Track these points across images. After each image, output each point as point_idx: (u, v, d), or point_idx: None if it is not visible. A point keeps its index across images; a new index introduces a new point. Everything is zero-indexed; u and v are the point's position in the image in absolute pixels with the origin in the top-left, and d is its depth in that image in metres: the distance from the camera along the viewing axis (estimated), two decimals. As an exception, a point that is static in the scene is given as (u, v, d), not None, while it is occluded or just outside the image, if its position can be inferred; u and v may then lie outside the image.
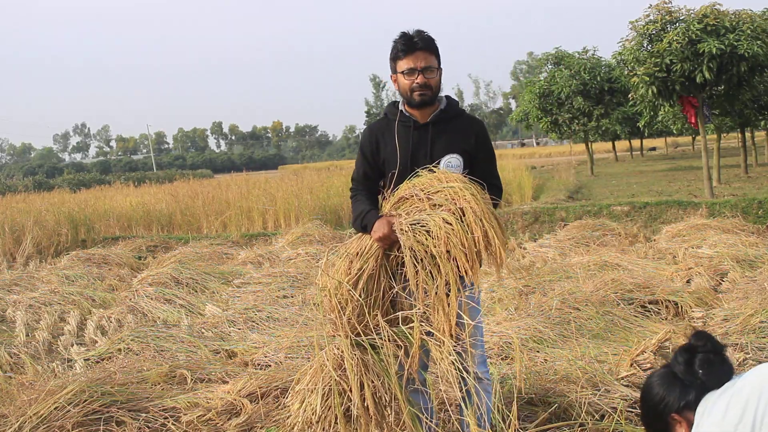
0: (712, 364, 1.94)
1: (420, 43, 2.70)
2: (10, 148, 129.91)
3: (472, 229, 2.47)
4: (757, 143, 24.61)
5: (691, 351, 1.99)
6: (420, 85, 2.70)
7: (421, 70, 2.70)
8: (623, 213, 9.94)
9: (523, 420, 3.28)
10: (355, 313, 2.57)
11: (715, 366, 1.94)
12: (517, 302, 5.51)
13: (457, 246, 2.45)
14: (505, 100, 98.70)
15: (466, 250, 2.45)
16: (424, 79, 2.70)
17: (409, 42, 2.71)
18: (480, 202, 2.51)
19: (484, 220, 2.48)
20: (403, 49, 2.71)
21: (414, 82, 2.70)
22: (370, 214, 2.72)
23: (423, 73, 2.70)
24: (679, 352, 2.03)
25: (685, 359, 1.99)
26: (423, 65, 2.70)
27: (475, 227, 2.46)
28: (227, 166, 77.33)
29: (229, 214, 12.81)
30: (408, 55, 2.70)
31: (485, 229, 2.47)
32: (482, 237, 2.46)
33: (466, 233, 2.47)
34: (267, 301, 6.13)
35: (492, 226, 2.48)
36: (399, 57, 2.73)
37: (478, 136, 2.80)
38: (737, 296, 5.27)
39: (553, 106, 20.73)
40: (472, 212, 2.48)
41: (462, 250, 2.44)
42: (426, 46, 2.72)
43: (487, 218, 2.49)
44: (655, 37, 10.86)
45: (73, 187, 27.51)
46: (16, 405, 3.44)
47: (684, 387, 1.96)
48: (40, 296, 6.95)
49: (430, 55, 2.73)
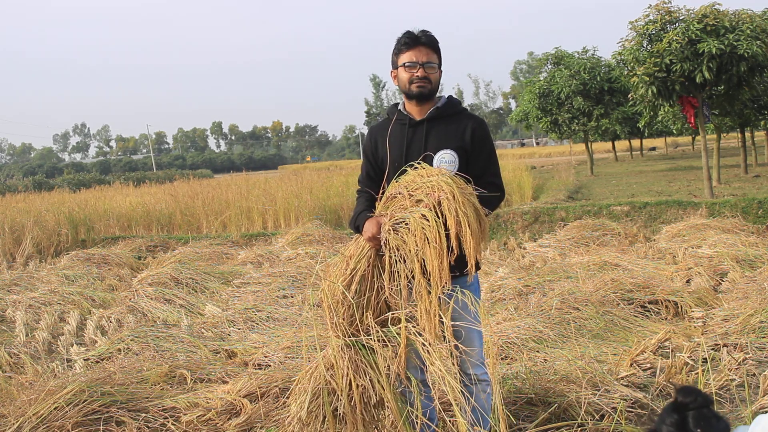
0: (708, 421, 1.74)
1: (423, 39, 2.76)
2: (10, 148, 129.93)
3: (446, 219, 2.45)
4: (757, 143, 24.61)
5: (681, 409, 1.76)
6: (420, 78, 2.74)
7: (422, 64, 2.74)
8: (623, 213, 9.94)
9: (523, 420, 3.28)
10: (348, 314, 2.58)
11: (712, 422, 1.74)
12: (517, 302, 5.51)
13: (431, 241, 2.43)
14: (505, 100, 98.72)
15: (438, 246, 2.42)
16: (425, 72, 2.74)
17: (413, 37, 2.77)
18: (456, 191, 2.49)
19: (459, 209, 2.44)
20: (407, 42, 2.76)
21: (414, 74, 2.75)
22: (362, 215, 2.75)
23: (424, 67, 2.74)
24: (667, 413, 1.78)
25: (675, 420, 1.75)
26: (425, 59, 2.75)
27: (449, 215, 2.44)
28: (227, 166, 77.37)
29: (228, 214, 12.82)
30: (411, 48, 2.76)
31: (458, 218, 2.44)
32: (455, 225, 2.43)
33: (441, 228, 2.45)
34: (267, 301, 6.13)
35: (466, 215, 2.44)
36: (402, 50, 2.78)
37: (475, 132, 2.79)
38: (737, 296, 5.27)
39: (553, 106, 20.73)
40: (446, 201, 2.46)
41: (434, 246, 2.42)
42: (429, 43, 2.77)
43: (462, 207, 2.45)
44: (655, 37, 10.86)
45: (73, 187, 27.53)
46: (15, 405, 3.44)
47: None
48: (40, 296, 6.95)
49: (432, 52, 2.78)
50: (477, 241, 2.48)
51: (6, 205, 13.86)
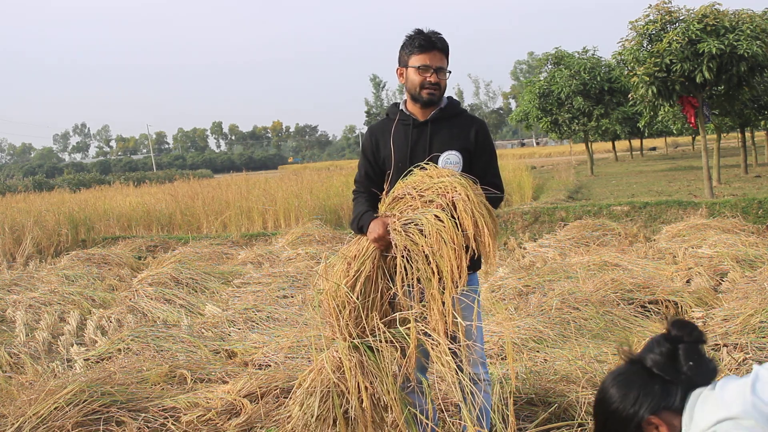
0: (701, 356, 1.62)
1: (439, 44, 2.74)
2: (10, 148, 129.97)
3: (462, 220, 2.45)
4: (757, 143, 24.61)
5: (673, 341, 1.65)
6: (432, 84, 2.73)
7: (436, 70, 2.73)
8: (623, 213, 9.94)
9: (523, 420, 3.28)
10: (353, 315, 2.57)
11: (704, 359, 1.63)
12: (517, 302, 5.51)
13: (448, 243, 2.44)
14: (505, 100, 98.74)
15: (456, 246, 2.43)
16: (437, 78, 2.73)
17: (429, 40, 2.73)
18: (470, 192, 2.49)
19: (474, 209, 2.46)
20: (423, 44, 2.73)
21: (426, 79, 2.73)
22: (366, 215, 2.72)
23: (437, 73, 2.73)
24: (656, 344, 1.67)
25: (665, 351, 1.64)
26: (438, 65, 2.73)
27: (465, 216, 2.44)
28: (227, 166, 77.38)
29: (228, 214, 12.81)
30: (426, 52, 2.73)
31: (475, 219, 2.45)
32: (472, 226, 2.44)
33: (457, 228, 2.45)
34: (267, 301, 6.13)
35: (482, 215, 2.46)
36: (415, 52, 2.75)
37: (478, 134, 2.79)
38: (737, 296, 5.27)
39: (553, 106, 20.73)
40: (462, 202, 2.47)
41: (452, 247, 2.43)
42: (443, 48, 2.76)
43: (478, 208, 2.47)
44: (655, 37, 10.86)
45: (73, 187, 27.52)
46: (15, 405, 3.44)
47: (665, 384, 1.62)
48: (40, 296, 6.95)
49: (444, 57, 2.77)
50: (495, 242, 2.50)
51: (6, 205, 13.87)
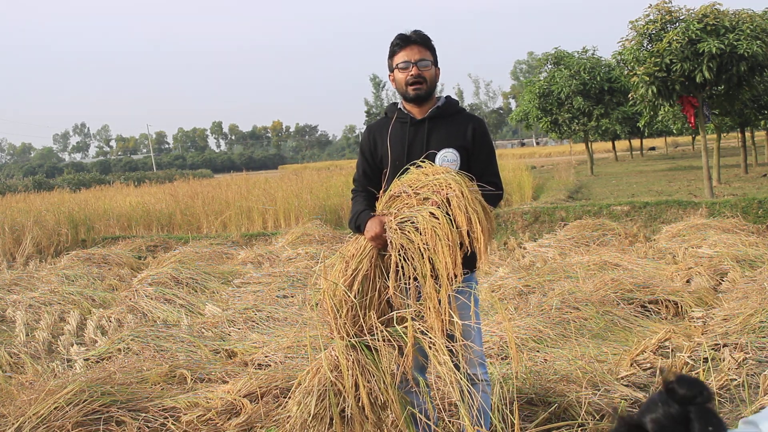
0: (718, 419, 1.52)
1: (414, 37, 2.77)
2: (10, 148, 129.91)
3: (455, 217, 2.46)
4: (757, 143, 24.60)
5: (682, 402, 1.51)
6: (414, 77, 2.74)
7: (416, 63, 2.74)
8: (623, 213, 9.94)
9: (523, 420, 3.28)
10: (351, 314, 2.57)
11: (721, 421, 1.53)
12: (517, 302, 5.51)
13: (442, 239, 2.44)
14: (505, 100, 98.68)
15: (450, 243, 2.43)
16: (418, 70, 2.74)
17: (405, 37, 2.78)
18: (465, 189, 2.50)
19: (468, 206, 2.46)
20: (399, 43, 2.78)
21: (408, 74, 2.75)
22: (363, 214, 2.73)
23: (417, 65, 2.74)
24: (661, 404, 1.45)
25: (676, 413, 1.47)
26: (417, 57, 2.75)
27: (459, 212, 2.44)
28: (227, 166, 77.33)
29: (228, 214, 12.81)
30: (403, 48, 2.77)
31: (469, 215, 2.45)
32: (465, 222, 2.44)
33: (452, 225, 2.45)
34: (267, 301, 6.13)
35: (476, 212, 2.46)
36: (395, 52, 2.79)
37: (475, 132, 2.80)
38: (737, 296, 5.27)
39: (553, 106, 20.73)
40: (456, 199, 2.47)
41: (447, 244, 2.43)
42: (421, 41, 2.78)
43: (472, 204, 2.47)
44: (655, 36, 10.86)
45: (73, 186, 27.52)
46: (15, 405, 3.44)
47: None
48: (40, 296, 6.94)
49: (425, 49, 2.78)
50: (487, 238, 2.49)
51: (6, 205, 13.86)
